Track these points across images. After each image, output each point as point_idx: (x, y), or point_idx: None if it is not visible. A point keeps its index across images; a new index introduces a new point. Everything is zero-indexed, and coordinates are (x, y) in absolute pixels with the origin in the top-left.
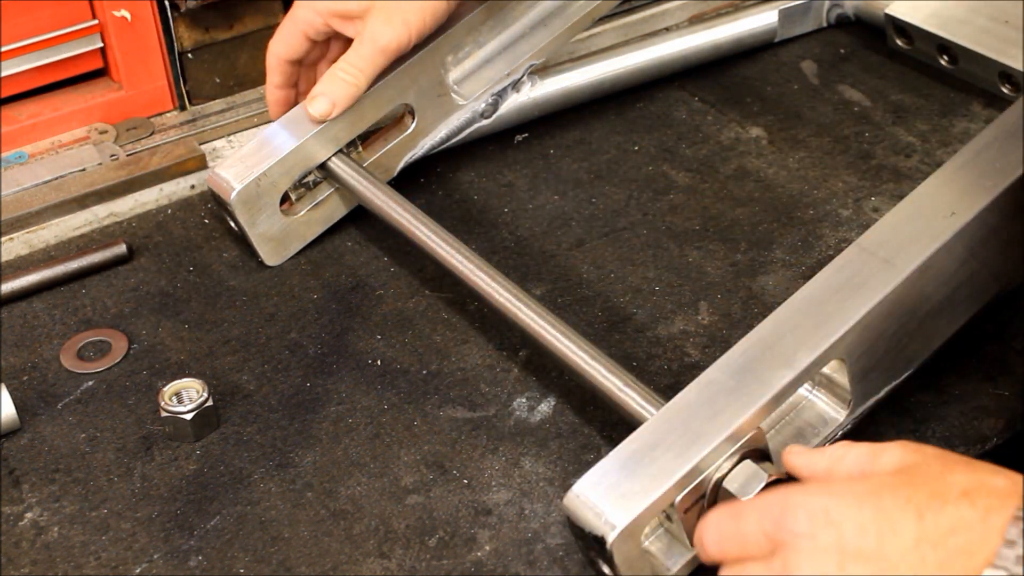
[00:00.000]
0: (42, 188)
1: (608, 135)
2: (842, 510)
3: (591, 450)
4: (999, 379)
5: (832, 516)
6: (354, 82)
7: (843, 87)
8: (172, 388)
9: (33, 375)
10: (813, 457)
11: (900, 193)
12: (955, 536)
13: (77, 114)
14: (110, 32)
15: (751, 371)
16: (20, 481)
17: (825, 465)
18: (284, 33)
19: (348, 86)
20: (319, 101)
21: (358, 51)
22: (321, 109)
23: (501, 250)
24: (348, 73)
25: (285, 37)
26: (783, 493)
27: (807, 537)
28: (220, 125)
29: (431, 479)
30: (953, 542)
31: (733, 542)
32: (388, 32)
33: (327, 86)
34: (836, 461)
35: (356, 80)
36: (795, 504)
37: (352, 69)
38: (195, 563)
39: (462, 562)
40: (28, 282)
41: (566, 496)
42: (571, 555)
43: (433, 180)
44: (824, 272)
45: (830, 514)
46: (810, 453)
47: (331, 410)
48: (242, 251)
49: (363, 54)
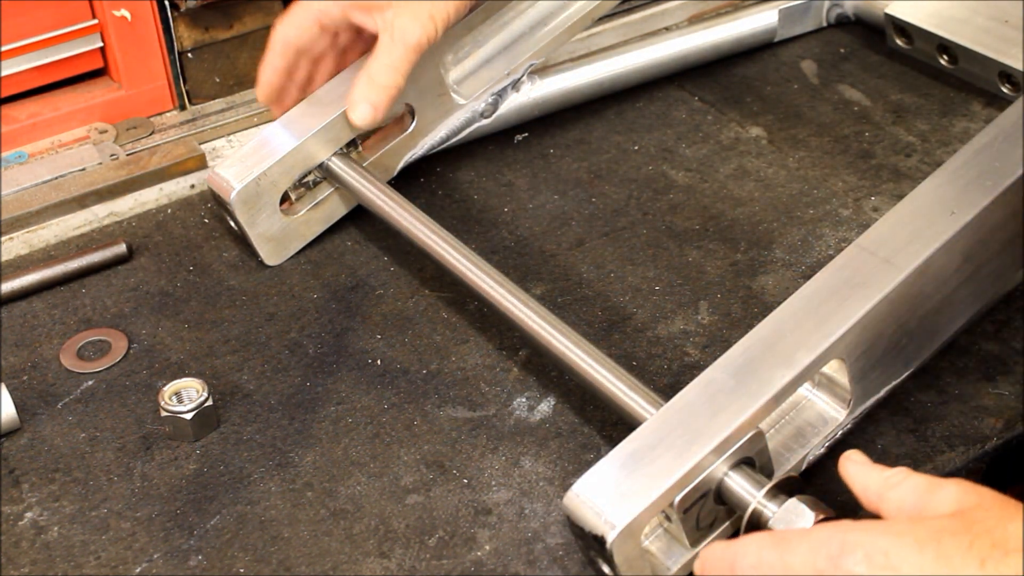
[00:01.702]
0: (42, 188)
1: (608, 135)
2: (903, 554)
3: (591, 450)
4: (999, 379)
5: (892, 559)
6: (393, 84)
7: (843, 87)
8: (172, 388)
9: (33, 375)
10: (869, 472)
11: (900, 193)
12: None
13: (77, 114)
14: (110, 32)
15: (751, 371)
16: (20, 481)
17: (878, 486)
18: (296, 18)
19: (387, 89)
20: (361, 108)
21: (390, 52)
22: (365, 116)
23: (501, 250)
24: (386, 76)
25: (297, 22)
26: (840, 529)
27: None
28: (220, 125)
29: (431, 479)
30: None
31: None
32: (416, 29)
33: (366, 91)
34: (890, 487)
35: (395, 82)
36: (854, 543)
37: (389, 71)
38: (195, 563)
39: (462, 562)
40: (28, 282)
41: (566, 496)
42: (571, 555)
43: (433, 180)
44: (824, 272)
45: (890, 557)
46: (867, 467)
47: (331, 410)
48: (242, 251)
49: (396, 54)
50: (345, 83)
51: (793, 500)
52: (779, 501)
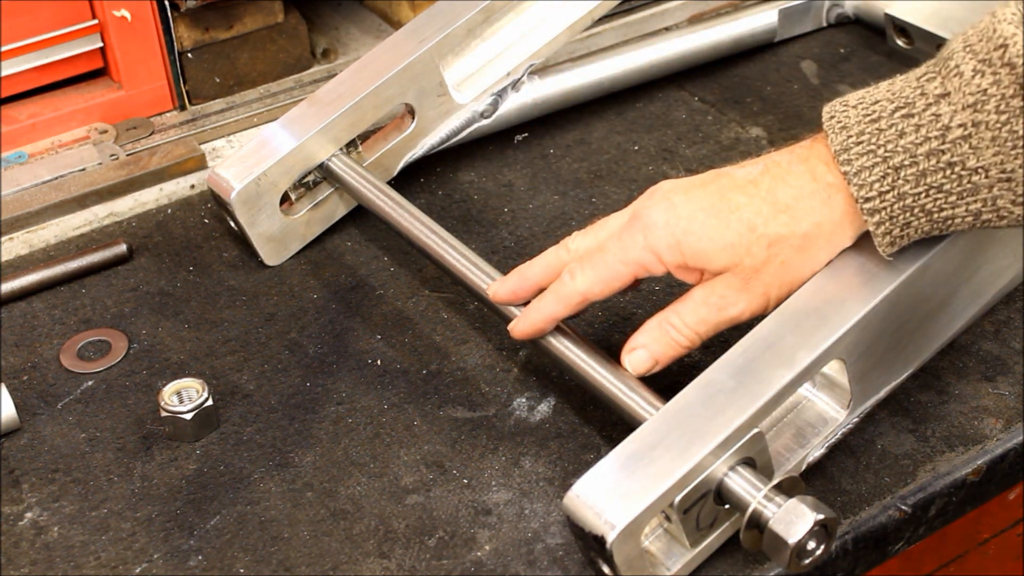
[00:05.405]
0: (42, 188)
1: (608, 135)
2: (683, 188)
3: (591, 450)
4: (999, 379)
5: (675, 198)
6: (685, 345)
7: (843, 87)
8: (172, 388)
9: (33, 375)
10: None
11: None
12: (789, 189)
13: (77, 114)
14: (110, 32)
15: (751, 371)
16: (20, 481)
17: None
18: (606, 275)
19: (676, 347)
20: (639, 355)
21: (697, 311)
22: (640, 366)
23: (501, 250)
24: (681, 333)
25: (607, 281)
26: None
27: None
28: (220, 125)
29: (431, 479)
30: (787, 193)
31: None
32: (742, 303)
33: (651, 339)
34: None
35: (688, 344)
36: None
37: (687, 331)
38: (195, 563)
39: (462, 562)
40: (28, 282)
41: (566, 496)
42: (571, 555)
43: (433, 180)
44: (824, 272)
45: (674, 195)
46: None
47: (331, 410)
48: (242, 251)
49: (704, 318)
50: (345, 83)
51: (793, 500)
52: (779, 501)
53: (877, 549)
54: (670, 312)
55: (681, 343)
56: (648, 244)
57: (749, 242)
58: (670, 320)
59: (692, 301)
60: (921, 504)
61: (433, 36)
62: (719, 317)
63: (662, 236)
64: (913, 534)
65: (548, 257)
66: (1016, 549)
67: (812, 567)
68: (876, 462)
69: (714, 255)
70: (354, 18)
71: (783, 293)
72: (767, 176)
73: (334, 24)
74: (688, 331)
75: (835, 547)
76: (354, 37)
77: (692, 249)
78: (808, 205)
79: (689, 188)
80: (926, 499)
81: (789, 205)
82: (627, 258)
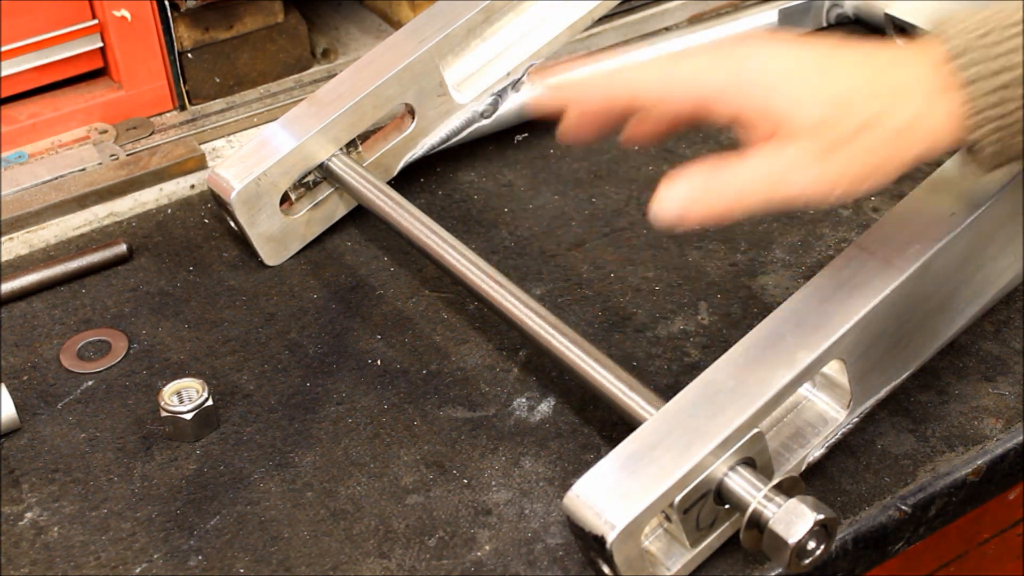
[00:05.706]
0: (42, 188)
1: (608, 135)
2: None
3: (591, 450)
4: (999, 379)
5: None
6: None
7: None
8: (172, 388)
9: (33, 375)
10: None
11: (900, 193)
12: None
13: (77, 114)
14: (110, 32)
15: (751, 371)
16: (20, 481)
17: None
18: (665, 76)
19: (711, 209)
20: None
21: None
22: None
23: (501, 250)
24: (725, 195)
25: (670, 80)
26: None
27: None
28: (220, 125)
29: (431, 479)
30: None
31: None
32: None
33: (690, 188)
34: None
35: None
36: None
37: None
38: (195, 563)
39: (462, 562)
40: (28, 282)
41: (566, 496)
42: (571, 555)
43: (433, 180)
44: (824, 272)
45: None
46: None
47: (331, 410)
48: (242, 251)
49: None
50: (345, 83)
51: (793, 500)
52: (779, 501)
53: (877, 549)
54: (723, 166)
55: (719, 205)
56: (737, 73)
57: (846, 107)
58: (720, 175)
59: (754, 159)
60: (921, 504)
61: (433, 36)
62: (775, 190)
63: (755, 71)
64: (913, 534)
65: None
66: (1016, 549)
67: (812, 567)
68: (876, 462)
69: (807, 105)
70: (354, 18)
71: (854, 185)
72: (885, 53)
73: (334, 24)
74: (734, 194)
75: (835, 547)
76: (354, 37)
77: (784, 95)
78: (914, 97)
79: (798, 41)
80: (926, 499)
81: (895, 89)
82: (705, 80)
